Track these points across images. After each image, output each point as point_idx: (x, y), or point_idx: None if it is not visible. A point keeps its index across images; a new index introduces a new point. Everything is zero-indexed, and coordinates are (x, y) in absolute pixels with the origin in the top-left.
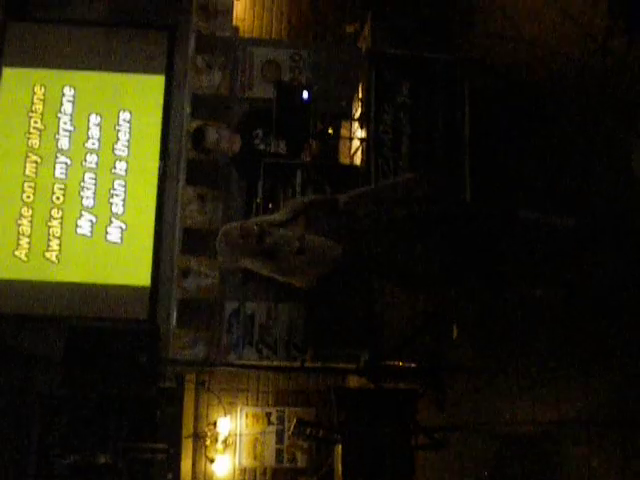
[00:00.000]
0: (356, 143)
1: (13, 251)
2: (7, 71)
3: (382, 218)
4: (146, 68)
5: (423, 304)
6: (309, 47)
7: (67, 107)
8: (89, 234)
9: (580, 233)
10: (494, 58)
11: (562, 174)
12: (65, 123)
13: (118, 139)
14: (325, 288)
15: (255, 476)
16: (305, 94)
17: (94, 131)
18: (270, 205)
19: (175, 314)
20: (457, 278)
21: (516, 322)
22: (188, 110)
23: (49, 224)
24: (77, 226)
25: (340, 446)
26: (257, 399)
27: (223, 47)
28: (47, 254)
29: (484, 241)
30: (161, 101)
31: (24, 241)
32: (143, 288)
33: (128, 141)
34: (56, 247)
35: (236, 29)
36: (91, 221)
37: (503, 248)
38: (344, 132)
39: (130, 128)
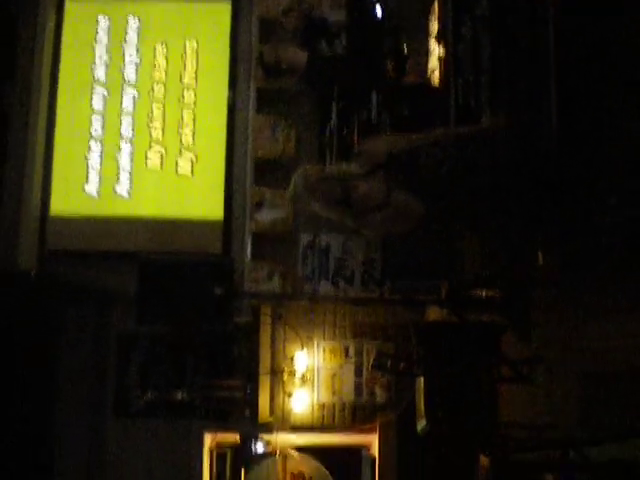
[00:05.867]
0: (434, 62)
1: (83, 186)
2: (70, 2)
3: (463, 166)
4: None
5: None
6: None
7: (132, 37)
8: (159, 167)
9: None
10: None
11: None
12: (130, 54)
13: (185, 69)
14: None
15: (334, 412)
16: (378, 10)
17: (160, 61)
18: (344, 130)
19: (249, 247)
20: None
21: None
22: (256, 36)
23: (118, 157)
24: (147, 159)
25: (421, 380)
26: (334, 333)
27: None
28: (117, 189)
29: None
30: (228, 28)
31: (94, 176)
32: (216, 221)
33: (195, 71)
34: (126, 181)
35: None
36: (160, 153)
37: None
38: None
39: (197, 57)
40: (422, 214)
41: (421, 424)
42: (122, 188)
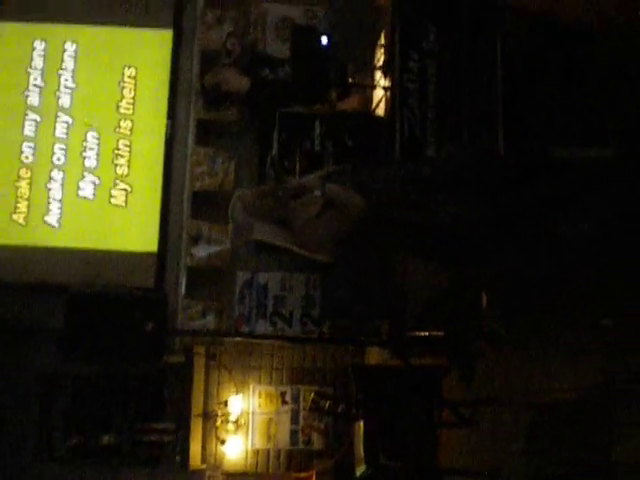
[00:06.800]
0: (379, 93)
1: (11, 215)
2: (6, 25)
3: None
4: (153, 22)
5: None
6: (325, 3)
7: (69, 63)
8: (92, 197)
9: (619, 164)
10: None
11: (594, 108)
12: (67, 80)
13: (123, 97)
14: (343, 257)
15: (268, 458)
16: (324, 39)
17: (97, 88)
18: (285, 163)
19: (184, 283)
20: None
21: (552, 279)
22: (197, 67)
23: (49, 186)
24: (79, 188)
25: (361, 423)
26: (270, 377)
27: (234, 3)
28: (47, 218)
29: (517, 197)
30: (168, 57)
31: (23, 204)
32: (150, 255)
33: (133, 99)
34: (57, 211)
35: None
36: (94, 183)
37: (538, 196)
38: (366, 82)
39: (135, 85)
40: (363, 209)
41: (360, 469)
42: (52, 218)
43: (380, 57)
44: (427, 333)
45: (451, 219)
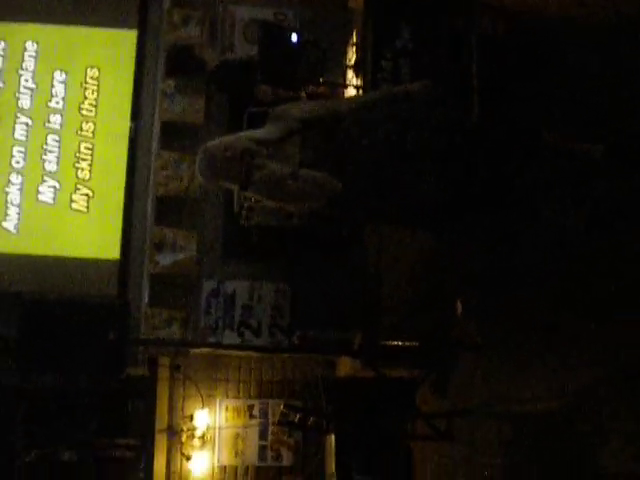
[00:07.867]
0: (352, 92)
1: None
2: None
3: (388, 139)
4: (117, 22)
5: (423, 279)
6: (295, 5)
7: (29, 63)
8: (52, 202)
9: (609, 162)
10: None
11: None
12: (27, 80)
13: (85, 98)
14: (313, 263)
15: (236, 475)
16: (294, 37)
17: (59, 89)
18: None
19: (147, 291)
20: (465, 208)
21: (528, 278)
22: (162, 68)
23: (7, 190)
24: (38, 193)
25: (332, 437)
26: (238, 390)
27: (201, 3)
28: (4, 223)
29: (501, 163)
30: (133, 58)
31: None
32: (112, 262)
33: (96, 100)
34: (15, 216)
35: None
36: (54, 187)
37: (521, 171)
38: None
39: (98, 86)
40: (337, 190)
41: None
42: (10, 223)
43: (352, 56)
44: (400, 343)
45: (430, 189)
